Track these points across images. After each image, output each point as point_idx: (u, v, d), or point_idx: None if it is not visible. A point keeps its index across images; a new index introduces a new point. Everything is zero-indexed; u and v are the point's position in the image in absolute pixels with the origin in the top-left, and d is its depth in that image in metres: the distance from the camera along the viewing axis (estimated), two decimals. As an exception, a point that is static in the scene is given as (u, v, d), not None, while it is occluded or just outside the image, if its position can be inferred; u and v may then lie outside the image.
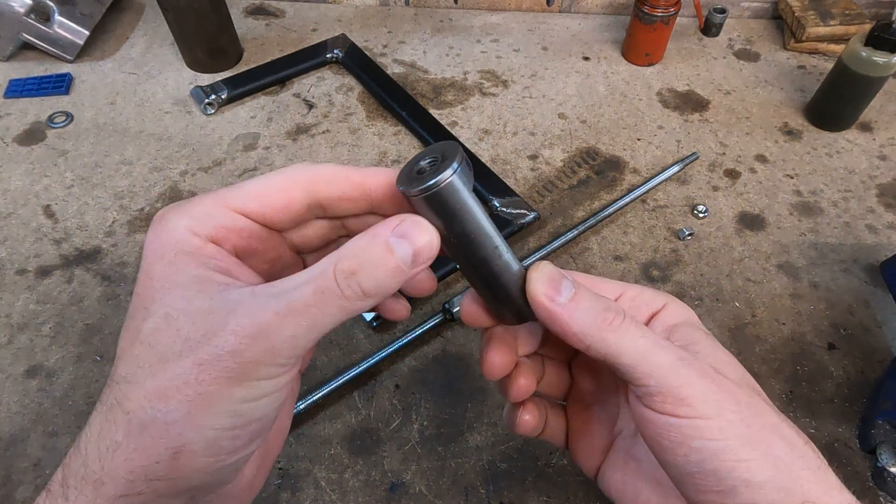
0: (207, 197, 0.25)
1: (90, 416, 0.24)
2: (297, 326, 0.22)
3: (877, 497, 0.51)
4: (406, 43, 0.93)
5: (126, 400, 0.22)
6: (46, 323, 0.59)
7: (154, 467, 0.22)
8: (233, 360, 0.22)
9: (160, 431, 0.22)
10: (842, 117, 0.80)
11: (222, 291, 0.23)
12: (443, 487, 0.50)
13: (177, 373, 0.22)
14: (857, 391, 0.57)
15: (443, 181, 0.23)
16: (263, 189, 0.26)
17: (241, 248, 0.26)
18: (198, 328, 0.22)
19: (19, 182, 0.71)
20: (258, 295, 0.23)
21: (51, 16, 0.83)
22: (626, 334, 0.26)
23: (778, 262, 0.67)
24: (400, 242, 0.23)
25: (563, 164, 0.76)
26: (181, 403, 0.21)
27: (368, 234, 0.24)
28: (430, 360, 0.58)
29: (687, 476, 0.25)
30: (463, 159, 0.24)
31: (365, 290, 0.23)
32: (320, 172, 0.26)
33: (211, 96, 0.79)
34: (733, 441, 0.24)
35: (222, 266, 0.24)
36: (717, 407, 0.25)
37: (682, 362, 0.26)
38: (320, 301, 0.22)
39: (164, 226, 0.24)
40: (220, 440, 0.22)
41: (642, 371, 0.26)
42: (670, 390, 0.25)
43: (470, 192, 0.25)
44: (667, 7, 0.82)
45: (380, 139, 0.78)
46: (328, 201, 0.27)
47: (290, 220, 0.27)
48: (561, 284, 0.27)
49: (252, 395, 0.23)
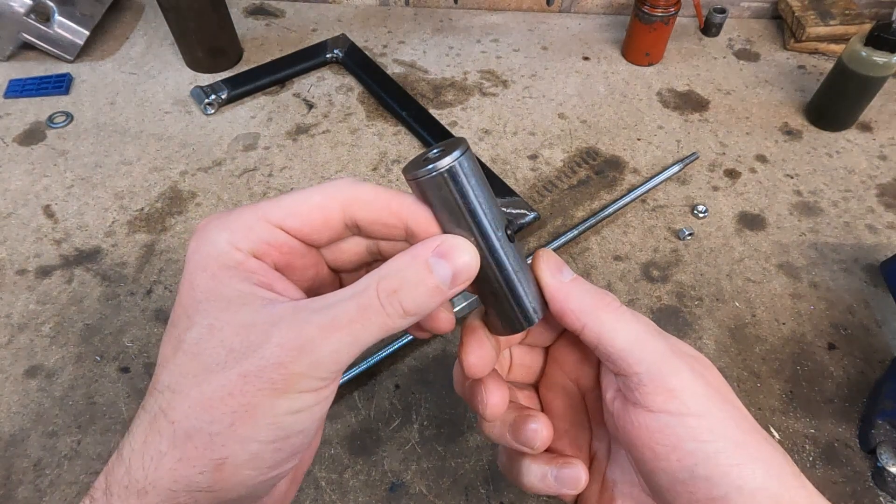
0: (247, 210, 0.25)
1: (132, 422, 0.24)
2: (340, 341, 0.22)
3: (877, 497, 0.51)
4: (406, 43, 0.93)
5: (171, 409, 0.22)
6: (46, 323, 0.59)
7: (197, 478, 0.22)
8: (277, 372, 0.22)
9: (205, 442, 0.22)
10: (842, 117, 0.80)
11: (265, 306, 0.23)
12: (443, 487, 0.50)
13: (221, 383, 0.22)
14: (857, 391, 0.57)
15: (443, 166, 0.24)
16: (303, 205, 0.26)
17: (281, 263, 0.26)
18: (242, 340, 0.22)
19: (19, 182, 0.71)
20: (300, 310, 0.23)
21: (51, 16, 0.83)
22: (622, 317, 0.27)
23: (778, 262, 0.67)
24: (439, 262, 0.24)
25: (563, 164, 0.76)
26: (225, 415, 0.22)
27: (409, 253, 0.24)
28: (430, 360, 0.58)
29: (679, 484, 0.25)
30: (467, 149, 0.25)
31: (406, 308, 0.23)
32: (360, 192, 0.26)
33: (211, 96, 0.79)
34: (725, 443, 0.24)
35: (265, 281, 0.24)
36: (706, 403, 0.25)
37: (673, 353, 0.26)
38: (363, 317, 0.23)
39: (207, 237, 0.24)
40: (263, 453, 0.23)
41: (634, 357, 0.26)
42: (661, 379, 0.25)
43: (475, 178, 0.25)
44: (667, 7, 0.82)
45: (380, 139, 0.78)
46: (364, 223, 0.27)
47: (328, 237, 0.27)
48: (563, 268, 0.28)
49: (295, 408, 0.23)
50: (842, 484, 0.51)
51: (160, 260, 0.65)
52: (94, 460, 0.51)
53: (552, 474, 0.30)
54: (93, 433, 0.52)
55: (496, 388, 0.29)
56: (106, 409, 0.54)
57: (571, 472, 0.29)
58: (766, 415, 0.55)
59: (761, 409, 0.56)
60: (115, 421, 0.53)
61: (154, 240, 0.66)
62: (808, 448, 0.53)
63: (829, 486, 0.51)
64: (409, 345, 0.57)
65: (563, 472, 0.30)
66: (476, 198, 0.25)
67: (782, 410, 0.56)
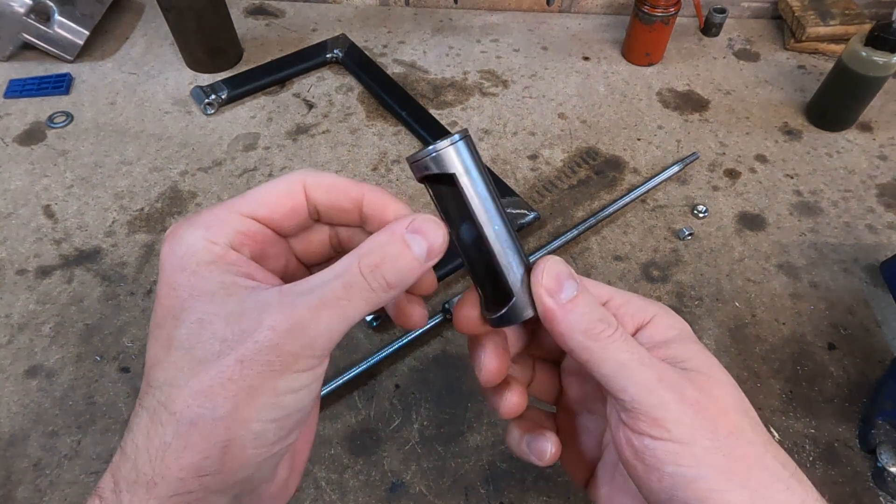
0: (216, 207, 0.26)
1: (131, 420, 0.24)
2: (330, 319, 0.24)
3: (877, 497, 0.51)
4: (406, 43, 0.93)
5: (171, 402, 0.23)
6: (46, 323, 0.59)
7: (204, 463, 0.22)
8: (273, 354, 0.23)
9: (209, 428, 0.22)
10: (842, 117, 0.80)
11: (251, 294, 0.24)
12: (443, 487, 0.50)
13: (220, 370, 0.22)
14: (857, 391, 0.57)
15: (441, 147, 0.26)
16: (270, 195, 0.27)
17: (256, 252, 0.27)
18: (233, 329, 0.23)
19: (19, 182, 0.71)
20: (286, 293, 0.24)
21: (51, 16, 0.83)
22: (611, 346, 0.26)
23: (778, 262, 0.67)
24: (415, 237, 0.25)
25: (563, 164, 0.76)
26: (227, 399, 0.22)
27: (385, 232, 0.25)
28: (430, 360, 0.58)
29: (661, 503, 0.25)
30: (467, 136, 0.27)
31: (389, 281, 0.25)
32: (320, 179, 0.28)
33: (211, 96, 0.79)
34: (707, 470, 0.24)
35: (245, 271, 0.25)
36: (692, 433, 0.25)
37: (661, 383, 0.25)
38: (349, 294, 0.24)
39: (180, 240, 0.25)
40: (266, 432, 0.23)
41: (619, 385, 0.26)
42: (646, 410, 0.25)
43: (472, 163, 0.27)
44: (667, 7, 0.82)
45: (380, 139, 0.78)
46: (324, 208, 0.28)
47: (297, 224, 0.28)
48: (565, 283, 0.27)
49: (293, 387, 0.24)
50: (842, 484, 0.51)
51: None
52: (94, 460, 0.51)
53: (526, 441, 0.32)
54: (93, 433, 0.52)
55: (494, 353, 0.30)
56: (106, 409, 0.54)
57: (541, 443, 0.32)
58: (766, 415, 0.55)
59: (761, 409, 0.56)
60: (115, 421, 0.53)
61: (154, 240, 0.66)
62: (808, 448, 0.53)
63: (829, 486, 0.51)
64: (409, 345, 0.57)
65: (535, 442, 0.32)
66: (473, 182, 0.27)
67: (782, 410, 0.56)
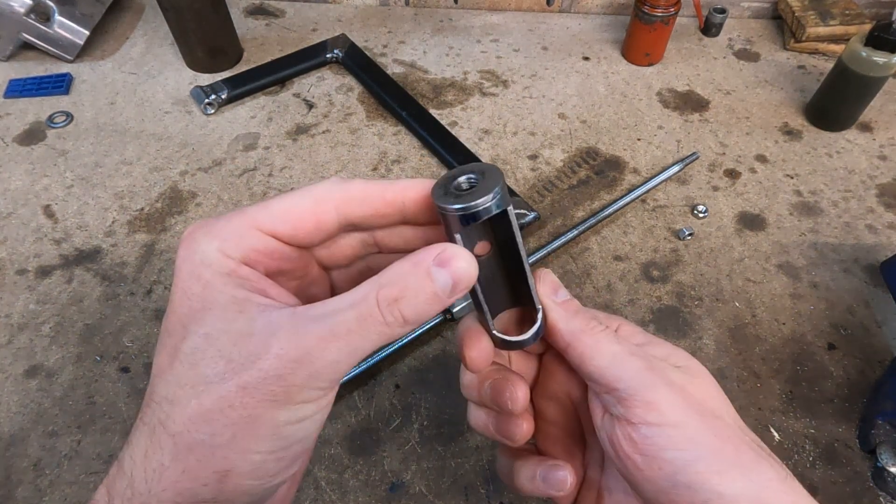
0: (236, 217, 0.25)
1: (131, 433, 0.23)
2: (339, 351, 0.22)
3: (877, 497, 0.51)
4: (406, 43, 0.93)
5: (170, 421, 0.22)
6: (46, 323, 0.59)
7: (201, 490, 0.22)
8: (277, 384, 0.22)
9: (206, 455, 0.22)
10: (842, 117, 0.80)
11: (262, 313, 0.23)
12: (443, 487, 0.50)
13: (220, 395, 0.22)
14: (857, 391, 0.57)
15: (483, 204, 0.24)
16: (294, 211, 0.25)
17: (272, 269, 0.26)
18: (240, 350, 0.22)
19: (19, 182, 0.71)
20: (299, 317, 0.23)
21: (51, 16, 0.83)
22: (604, 339, 0.28)
23: (778, 262, 0.67)
24: (440, 271, 0.23)
25: (563, 164, 0.76)
26: (226, 427, 0.22)
27: (410, 260, 0.24)
28: (430, 360, 0.58)
29: (663, 494, 0.26)
30: (502, 182, 0.25)
31: (406, 317, 0.23)
32: (352, 191, 0.26)
33: (211, 96, 0.79)
34: (703, 451, 0.25)
35: (258, 287, 0.24)
36: (684, 414, 0.26)
37: (650, 370, 0.27)
38: (362, 327, 0.23)
39: (196, 246, 0.24)
40: (266, 463, 0.23)
41: (614, 375, 0.27)
42: (638, 393, 0.26)
43: (506, 212, 0.26)
44: (667, 7, 0.82)
45: (380, 139, 0.78)
46: (360, 219, 0.26)
47: (320, 239, 0.27)
48: (559, 289, 0.31)
49: (295, 418, 0.23)
50: (842, 484, 0.51)
51: (160, 260, 0.65)
52: (94, 460, 0.51)
53: (541, 475, 0.31)
54: (93, 433, 0.52)
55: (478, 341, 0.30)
56: (106, 409, 0.54)
57: (558, 473, 0.31)
58: (766, 415, 0.55)
59: (761, 409, 0.56)
60: (115, 421, 0.53)
61: (154, 240, 0.66)
62: (808, 448, 0.53)
63: (829, 486, 0.51)
64: (409, 345, 0.57)
65: (550, 474, 0.31)
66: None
67: (782, 410, 0.56)
